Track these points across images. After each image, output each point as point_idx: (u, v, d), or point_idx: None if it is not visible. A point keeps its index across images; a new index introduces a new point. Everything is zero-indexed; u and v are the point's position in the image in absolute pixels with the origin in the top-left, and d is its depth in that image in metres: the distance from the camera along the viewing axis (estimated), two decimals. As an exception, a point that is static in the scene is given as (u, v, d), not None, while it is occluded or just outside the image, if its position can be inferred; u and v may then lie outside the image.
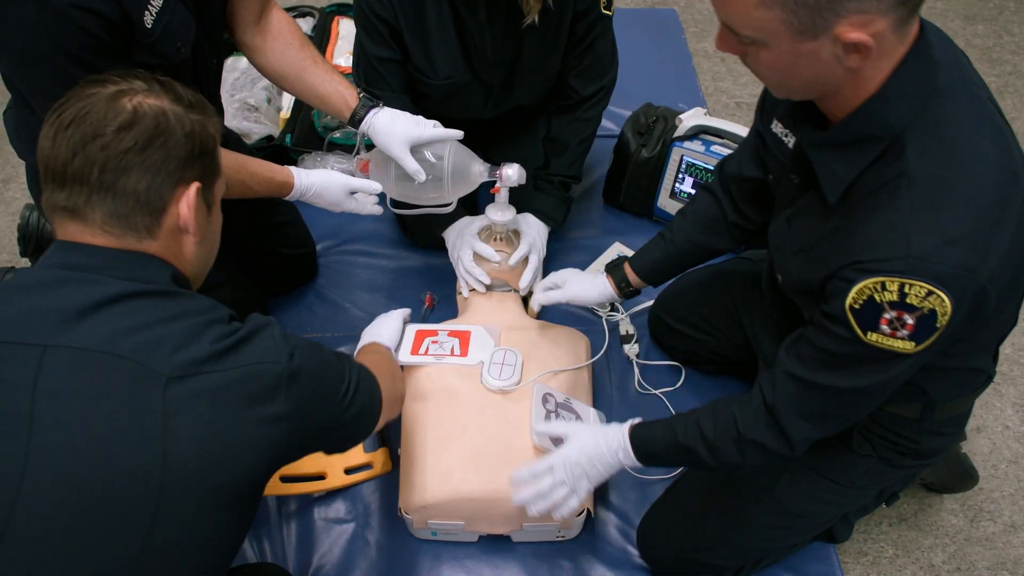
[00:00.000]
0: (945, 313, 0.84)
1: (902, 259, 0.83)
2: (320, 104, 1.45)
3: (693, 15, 2.61)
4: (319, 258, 1.85)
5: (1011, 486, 1.55)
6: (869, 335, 0.88)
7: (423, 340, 1.47)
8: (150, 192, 0.82)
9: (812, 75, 0.86)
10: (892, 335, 0.87)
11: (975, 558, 1.46)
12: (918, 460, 1.17)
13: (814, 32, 0.80)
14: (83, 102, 0.81)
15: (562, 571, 1.39)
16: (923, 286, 0.83)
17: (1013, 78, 2.41)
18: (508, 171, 1.42)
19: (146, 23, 1.08)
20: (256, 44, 1.40)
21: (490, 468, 1.30)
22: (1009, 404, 1.67)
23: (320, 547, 1.42)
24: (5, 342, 0.76)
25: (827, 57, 0.82)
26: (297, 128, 1.98)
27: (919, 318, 0.85)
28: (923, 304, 0.84)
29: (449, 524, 1.34)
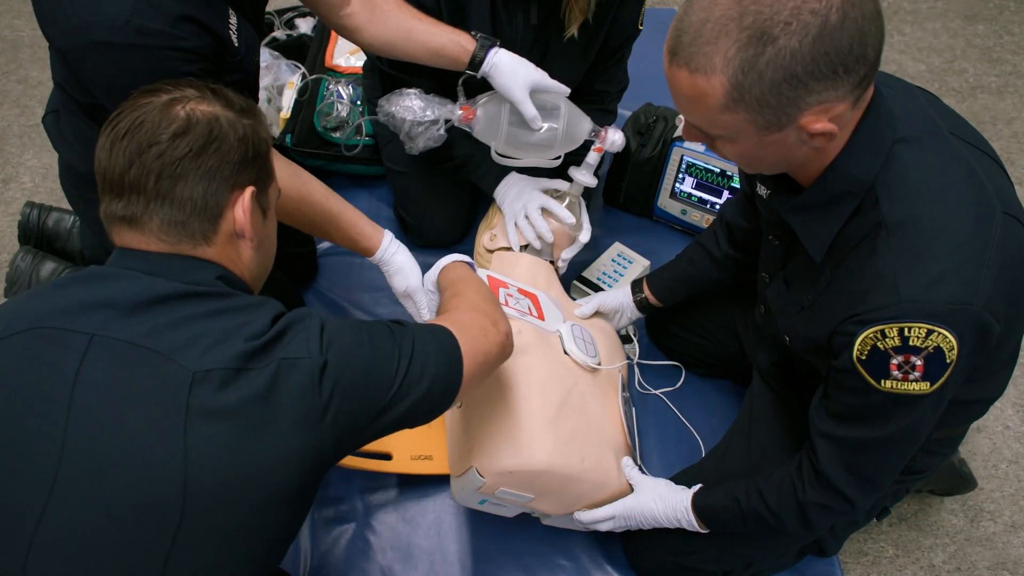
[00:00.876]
0: (952, 348, 0.85)
1: (894, 305, 0.85)
2: (435, 58, 1.40)
3: (693, 15, 2.61)
4: (319, 258, 1.85)
5: (1011, 486, 1.55)
6: (883, 383, 0.89)
7: (497, 290, 1.38)
8: (206, 198, 0.83)
9: (780, 157, 0.90)
10: (905, 379, 0.88)
11: (975, 558, 1.46)
12: (909, 476, 1.18)
13: (779, 126, 0.83)
14: (137, 112, 0.83)
15: (562, 571, 1.40)
16: (921, 327, 0.84)
17: (1013, 78, 2.41)
18: (614, 135, 1.42)
19: (234, 42, 1.10)
20: (357, 23, 1.36)
21: (581, 447, 1.23)
22: (1009, 404, 1.67)
23: (320, 547, 1.42)
24: (59, 328, 0.78)
25: (793, 143, 0.86)
26: (297, 128, 1.97)
27: (927, 358, 0.86)
28: (927, 344, 0.85)
29: (518, 496, 1.24)
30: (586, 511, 1.27)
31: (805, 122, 0.82)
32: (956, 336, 0.84)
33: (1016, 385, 1.70)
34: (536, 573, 1.39)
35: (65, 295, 0.81)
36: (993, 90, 2.37)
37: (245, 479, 0.77)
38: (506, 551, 1.41)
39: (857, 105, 0.85)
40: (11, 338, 0.79)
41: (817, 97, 0.80)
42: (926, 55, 2.48)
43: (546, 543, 1.42)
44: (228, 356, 0.78)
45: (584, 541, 1.42)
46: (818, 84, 0.79)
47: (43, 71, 2.31)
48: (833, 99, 0.80)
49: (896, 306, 0.85)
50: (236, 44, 1.10)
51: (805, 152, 0.88)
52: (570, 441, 1.22)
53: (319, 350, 0.82)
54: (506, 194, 1.62)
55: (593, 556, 1.41)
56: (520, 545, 1.41)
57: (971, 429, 1.62)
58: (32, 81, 2.30)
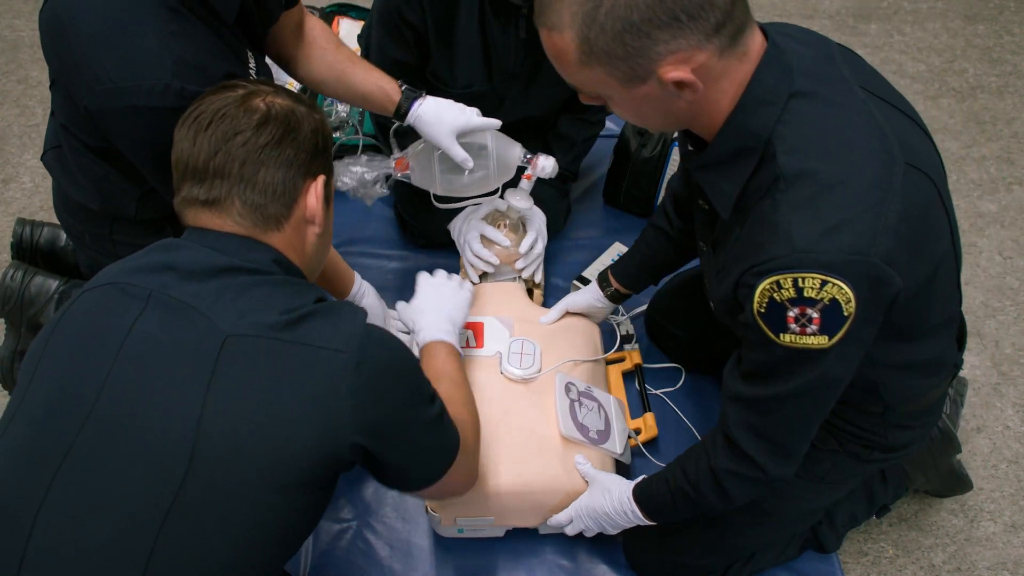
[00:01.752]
0: (849, 300, 0.85)
1: (788, 255, 0.84)
2: (363, 102, 1.43)
3: (693, 15, 2.61)
4: (319, 258, 1.85)
5: (1011, 486, 1.55)
6: (782, 337, 0.89)
7: None
8: (285, 184, 0.90)
9: (661, 113, 0.91)
10: (803, 332, 0.88)
11: (975, 558, 1.46)
12: (887, 454, 1.16)
13: (641, 78, 0.84)
14: (217, 104, 0.90)
15: (562, 571, 1.40)
16: (815, 277, 0.83)
17: (1013, 78, 2.41)
18: (544, 162, 1.44)
19: None
20: (296, 55, 1.38)
21: (519, 460, 1.29)
22: (1009, 404, 1.67)
23: (320, 547, 1.42)
24: (128, 283, 0.86)
25: (664, 96, 0.87)
26: (297, 128, 1.98)
27: (823, 310, 0.85)
28: (821, 295, 0.84)
29: (478, 520, 1.33)
30: (553, 516, 1.30)
31: (662, 72, 0.83)
32: (851, 287, 0.84)
33: (1016, 385, 1.70)
34: (536, 573, 1.39)
35: (140, 259, 0.89)
36: (993, 90, 2.37)
37: (252, 449, 0.79)
38: (506, 552, 1.41)
39: (729, 56, 0.85)
40: (91, 291, 0.88)
41: (666, 47, 0.81)
42: (926, 55, 2.48)
43: (547, 544, 1.42)
44: (261, 325, 0.81)
45: (585, 542, 1.42)
46: (662, 33, 0.80)
47: (43, 71, 2.31)
48: (686, 47, 0.81)
49: (789, 256, 0.84)
50: None
51: (685, 107, 0.88)
52: (509, 458, 1.28)
53: (357, 345, 0.84)
54: (454, 228, 1.67)
55: (594, 556, 1.41)
56: (521, 546, 1.41)
57: (971, 429, 1.62)
58: (32, 81, 2.30)
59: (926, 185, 0.89)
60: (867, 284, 0.85)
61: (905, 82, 2.39)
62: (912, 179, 0.87)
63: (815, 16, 2.60)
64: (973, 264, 1.92)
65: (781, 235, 0.85)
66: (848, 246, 0.83)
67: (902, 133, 0.91)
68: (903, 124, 0.93)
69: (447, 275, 1.37)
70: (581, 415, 1.35)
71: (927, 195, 0.89)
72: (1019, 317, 1.82)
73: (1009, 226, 2.01)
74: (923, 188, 0.89)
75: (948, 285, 0.99)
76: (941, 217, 0.92)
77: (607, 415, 1.38)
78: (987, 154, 2.19)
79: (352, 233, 1.90)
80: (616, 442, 1.36)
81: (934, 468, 1.41)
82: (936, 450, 1.40)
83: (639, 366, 1.61)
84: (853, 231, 0.83)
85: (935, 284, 0.95)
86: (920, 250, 0.89)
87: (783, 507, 1.23)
